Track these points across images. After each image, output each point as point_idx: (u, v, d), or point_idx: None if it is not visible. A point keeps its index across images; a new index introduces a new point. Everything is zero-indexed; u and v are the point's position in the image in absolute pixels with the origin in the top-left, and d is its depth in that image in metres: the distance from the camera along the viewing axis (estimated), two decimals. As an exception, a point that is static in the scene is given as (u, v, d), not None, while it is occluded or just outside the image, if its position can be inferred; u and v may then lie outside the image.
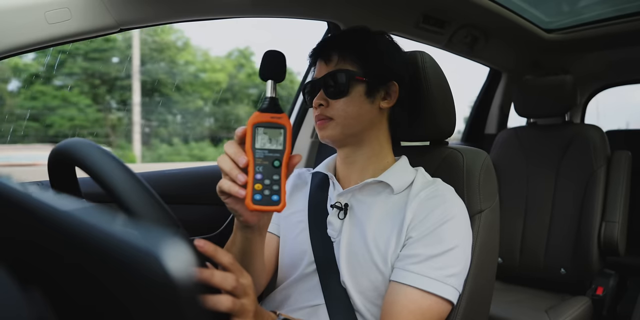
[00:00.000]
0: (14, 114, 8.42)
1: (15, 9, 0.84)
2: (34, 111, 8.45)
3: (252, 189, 0.58)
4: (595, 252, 1.58)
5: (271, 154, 0.59)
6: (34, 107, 8.57)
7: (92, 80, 9.39)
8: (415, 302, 0.71)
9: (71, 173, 0.59)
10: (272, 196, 0.59)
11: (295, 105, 1.58)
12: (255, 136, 0.59)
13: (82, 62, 8.68)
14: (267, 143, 0.59)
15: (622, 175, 1.65)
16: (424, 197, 0.79)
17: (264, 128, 0.59)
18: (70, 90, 9.02)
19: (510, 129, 1.94)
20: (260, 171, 0.58)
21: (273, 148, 0.59)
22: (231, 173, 0.59)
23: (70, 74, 8.82)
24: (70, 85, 9.18)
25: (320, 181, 0.92)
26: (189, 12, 1.07)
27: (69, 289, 0.33)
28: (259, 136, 0.59)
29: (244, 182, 0.58)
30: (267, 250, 0.91)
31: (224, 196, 0.63)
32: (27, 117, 8.68)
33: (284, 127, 0.60)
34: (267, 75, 0.61)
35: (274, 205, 0.59)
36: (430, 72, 0.89)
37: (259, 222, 0.68)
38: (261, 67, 0.61)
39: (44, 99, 8.61)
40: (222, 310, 0.49)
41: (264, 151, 0.59)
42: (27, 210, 0.33)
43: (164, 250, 0.25)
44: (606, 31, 1.88)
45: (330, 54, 0.83)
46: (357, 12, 1.39)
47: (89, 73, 8.33)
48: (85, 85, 9.22)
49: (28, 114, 8.93)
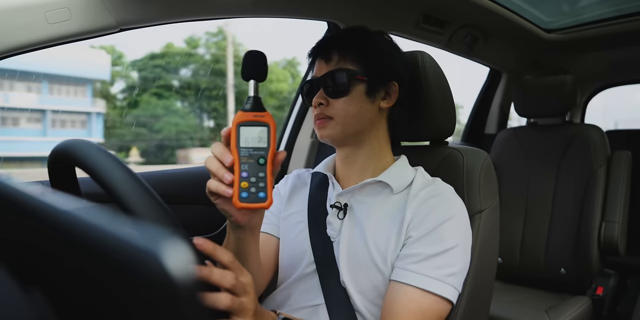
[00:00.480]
0: (123, 121, 10.20)
1: (15, 9, 0.84)
2: (142, 119, 10.04)
3: (239, 187, 0.59)
4: (595, 252, 1.58)
5: (256, 152, 0.60)
6: (141, 115, 10.16)
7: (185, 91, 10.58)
8: (415, 301, 0.71)
9: (71, 173, 0.59)
10: (259, 193, 0.59)
11: (295, 105, 1.58)
12: (240, 135, 0.60)
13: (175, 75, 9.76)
14: (251, 141, 0.60)
15: (622, 175, 1.65)
16: (423, 196, 0.79)
17: (248, 127, 0.60)
18: (168, 99, 10.94)
19: (510, 129, 1.94)
20: (246, 169, 0.59)
21: (257, 146, 0.60)
22: (218, 172, 0.59)
23: (168, 87, 10.55)
24: (170, 95, 10.97)
25: (319, 181, 0.92)
26: (189, 12, 1.07)
27: (69, 289, 0.33)
28: (243, 135, 0.60)
29: (231, 181, 0.59)
30: (266, 252, 0.91)
31: (214, 197, 0.63)
32: (135, 123, 10.53)
33: (267, 125, 0.61)
34: (249, 75, 0.61)
35: (261, 202, 0.59)
36: (430, 72, 0.89)
37: (250, 222, 0.68)
38: (243, 67, 0.61)
39: (147, 107, 10.16)
40: (221, 308, 0.49)
41: (248, 149, 0.60)
42: (27, 210, 0.33)
43: (164, 250, 0.25)
44: (606, 31, 1.88)
45: (331, 53, 0.83)
46: (357, 12, 1.39)
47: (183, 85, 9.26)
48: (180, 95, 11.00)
49: (136, 121, 10.75)
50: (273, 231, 0.94)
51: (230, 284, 0.51)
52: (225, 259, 0.53)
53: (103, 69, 7.99)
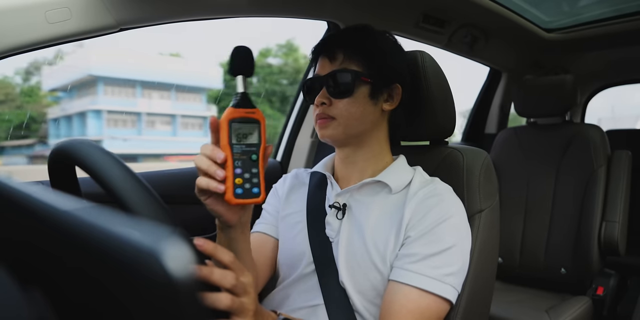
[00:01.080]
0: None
1: (15, 9, 0.84)
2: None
3: (233, 183, 0.59)
4: (596, 251, 1.58)
5: (248, 148, 0.61)
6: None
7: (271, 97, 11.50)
8: (414, 301, 0.71)
9: (71, 173, 0.59)
10: (253, 189, 0.60)
11: (296, 104, 1.58)
12: (232, 132, 0.60)
13: (262, 83, 10.41)
14: (243, 138, 0.60)
15: (623, 175, 1.64)
16: (422, 196, 0.78)
17: (240, 123, 0.60)
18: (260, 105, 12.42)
19: (510, 129, 1.94)
20: (240, 166, 0.60)
21: (250, 142, 0.61)
22: (209, 169, 0.59)
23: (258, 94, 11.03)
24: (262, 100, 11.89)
25: (318, 181, 0.92)
26: (188, 12, 1.07)
27: (69, 289, 0.33)
28: (235, 131, 0.60)
29: (223, 177, 0.59)
30: (263, 252, 0.91)
31: (204, 196, 0.63)
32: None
33: (258, 122, 0.61)
34: (237, 70, 0.61)
35: (255, 198, 0.60)
36: (430, 71, 0.89)
37: (240, 219, 0.67)
38: (230, 63, 0.61)
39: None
40: (222, 309, 0.49)
41: (241, 146, 0.60)
42: (27, 210, 0.33)
43: (164, 250, 0.25)
44: (606, 31, 1.88)
45: (335, 51, 0.82)
46: (357, 11, 1.39)
47: (269, 92, 9.87)
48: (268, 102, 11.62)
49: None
50: (271, 231, 0.94)
51: (231, 284, 0.51)
52: (226, 259, 0.53)
53: (215, 80, 9.42)
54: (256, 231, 0.94)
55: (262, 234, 0.93)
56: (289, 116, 1.61)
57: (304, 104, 1.54)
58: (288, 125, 1.59)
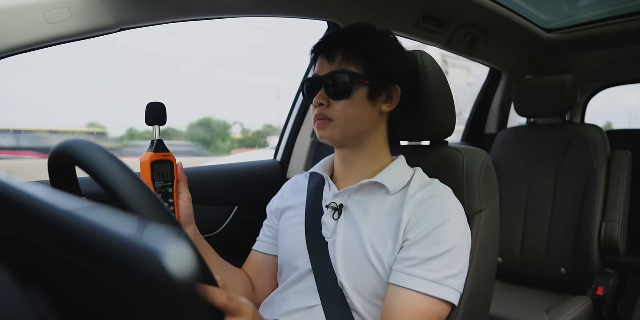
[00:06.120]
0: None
1: (15, 9, 0.84)
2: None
3: None
4: (596, 251, 1.58)
5: (166, 184, 0.78)
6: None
7: None
8: (414, 305, 0.71)
9: (71, 173, 0.59)
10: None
11: (296, 104, 1.58)
12: (154, 172, 0.76)
13: None
14: (162, 175, 0.77)
15: (623, 175, 1.64)
16: (420, 198, 0.78)
17: (159, 165, 0.76)
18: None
19: (511, 129, 1.94)
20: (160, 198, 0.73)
21: (167, 179, 0.78)
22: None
23: None
24: None
25: (317, 182, 0.92)
26: (189, 12, 1.07)
27: (69, 289, 0.33)
28: (156, 171, 0.76)
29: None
30: (265, 273, 0.96)
31: None
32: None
33: (172, 162, 0.78)
34: (152, 121, 0.77)
35: None
36: (430, 71, 0.89)
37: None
38: (146, 116, 0.77)
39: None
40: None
41: (160, 182, 0.77)
42: (28, 210, 0.33)
43: (165, 250, 0.25)
44: (606, 31, 1.88)
45: (335, 52, 0.81)
46: (357, 11, 1.39)
47: None
48: None
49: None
50: (268, 250, 0.97)
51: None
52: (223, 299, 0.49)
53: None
54: (256, 250, 0.99)
55: (262, 254, 0.97)
56: (289, 116, 1.60)
57: (304, 103, 1.54)
58: (288, 125, 1.59)
